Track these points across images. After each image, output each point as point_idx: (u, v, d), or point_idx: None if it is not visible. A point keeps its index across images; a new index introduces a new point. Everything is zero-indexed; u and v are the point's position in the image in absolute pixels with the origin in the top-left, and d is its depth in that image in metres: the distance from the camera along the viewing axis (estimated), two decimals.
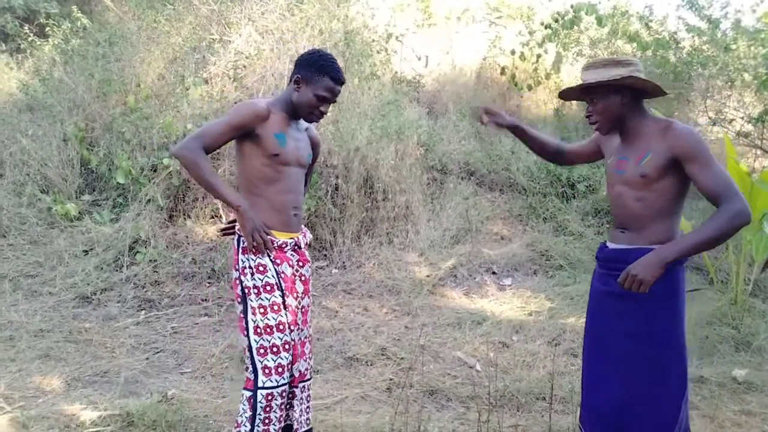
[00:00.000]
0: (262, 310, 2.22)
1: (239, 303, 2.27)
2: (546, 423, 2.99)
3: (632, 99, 2.12)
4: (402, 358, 3.93)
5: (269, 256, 2.26)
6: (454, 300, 4.99)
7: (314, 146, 2.55)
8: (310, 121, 2.38)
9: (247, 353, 2.25)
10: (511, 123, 2.49)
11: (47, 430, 2.92)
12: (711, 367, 3.84)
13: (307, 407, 2.50)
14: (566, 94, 2.32)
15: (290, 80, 2.32)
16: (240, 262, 2.26)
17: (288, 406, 2.41)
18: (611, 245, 2.22)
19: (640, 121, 2.13)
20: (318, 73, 2.24)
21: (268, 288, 2.24)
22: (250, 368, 2.24)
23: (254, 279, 2.23)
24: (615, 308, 2.18)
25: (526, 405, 3.39)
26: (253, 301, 2.23)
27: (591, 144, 2.45)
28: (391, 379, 3.67)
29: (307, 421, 2.49)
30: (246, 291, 2.24)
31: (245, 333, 2.25)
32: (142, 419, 3.02)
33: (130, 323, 4.35)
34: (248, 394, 2.23)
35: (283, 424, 2.35)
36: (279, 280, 2.27)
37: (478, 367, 3.88)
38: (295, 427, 2.43)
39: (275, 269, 2.26)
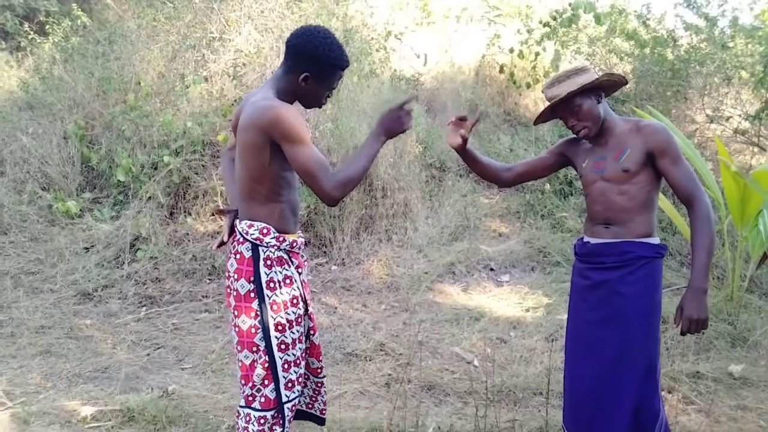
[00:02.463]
0: (288, 325, 2.07)
1: (252, 318, 2.05)
2: (543, 418, 3.02)
3: (601, 98, 2.24)
4: (400, 354, 3.96)
5: (293, 265, 2.11)
6: (452, 296, 5.02)
7: None
8: (311, 108, 2.20)
9: (260, 371, 2.07)
10: (462, 142, 2.42)
11: (48, 426, 2.96)
12: (707, 363, 3.87)
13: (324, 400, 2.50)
14: (540, 118, 2.39)
15: (290, 70, 2.06)
16: (262, 275, 2.04)
17: (316, 393, 2.41)
18: (595, 240, 2.28)
19: (611, 120, 2.26)
20: (329, 68, 2.05)
21: (294, 301, 2.09)
22: (269, 386, 2.07)
23: (282, 293, 2.05)
24: (594, 300, 2.27)
25: (523, 400, 3.42)
26: (281, 317, 2.05)
27: (551, 155, 2.46)
28: (389, 375, 3.71)
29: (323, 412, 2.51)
30: (274, 307, 2.04)
31: (256, 350, 2.06)
32: (142, 414, 3.05)
33: (131, 320, 4.38)
34: (270, 413, 2.08)
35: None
36: (302, 291, 2.14)
37: (475, 363, 3.91)
38: (320, 416, 2.47)
39: (300, 280, 2.13)
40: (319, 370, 2.39)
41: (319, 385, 2.43)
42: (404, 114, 2.09)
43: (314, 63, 2.03)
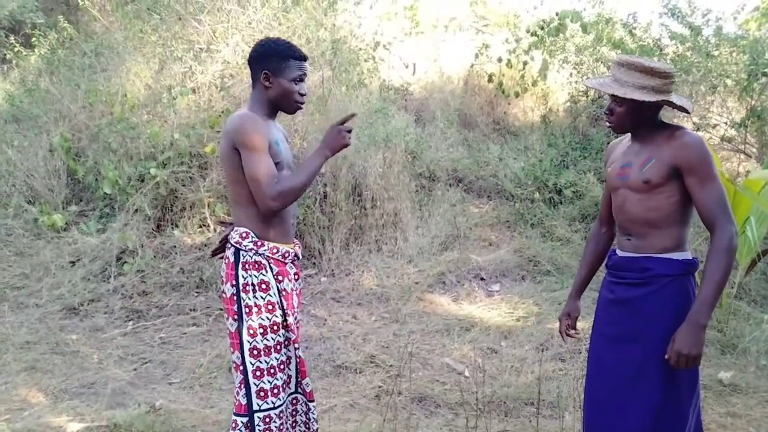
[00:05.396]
0: (261, 330, 2.12)
1: (235, 320, 2.15)
2: (534, 428, 3.00)
3: (655, 110, 2.08)
4: (391, 366, 3.94)
5: (272, 272, 2.16)
6: (443, 306, 5.00)
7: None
8: (296, 110, 2.27)
9: (238, 372, 2.16)
10: (576, 312, 2.46)
11: None
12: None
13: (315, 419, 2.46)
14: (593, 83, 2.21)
15: (255, 81, 2.21)
16: (240, 278, 2.13)
17: (306, 420, 2.36)
18: (620, 253, 2.19)
19: (652, 127, 2.09)
20: (281, 60, 2.16)
21: (270, 307, 2.14)
22: (242, 391, 2.14)
23: (256, 297, 2.13)
24: (616, 315, 2.16)
25: (514, 410, 3.41)
26: (253, 321, 2.12)
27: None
28: (379, 387, 3.68)
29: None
30: (246, 309, 2.12)
31: (238, 351, 2.15)
32: (129, 430, 3.02)
33: (118, 334, 4.33)
34: (243, 419, 2.13)
35: None
36: (280, 299, 2.17)
37: (466, 373, 3.89)
38: None
39: (277, 287, 2.17)
40: (310, 393, 2.36)
41: (308, 409, 2.37)
42: (345, 131, 2.22)
43: (267, 59, 2.17)
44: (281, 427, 2.20)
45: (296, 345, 2.23)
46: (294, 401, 2.34)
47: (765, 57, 6.25)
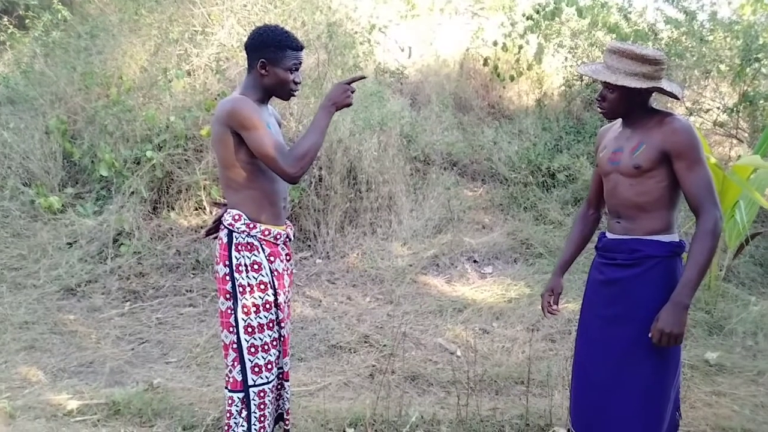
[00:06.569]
0: (255, 309, 2.20)
1: (227, 299, 2.23)
2: (523, 406, 3.07)
3: (646, 96, 2.12)
4: (384, 346, 4.01)
5: (264, 253, 2.22)
6: (436, 288, 5.07)
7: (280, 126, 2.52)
8: (289, 97, 2.30)
9: (231, 351, 2.24)
10: (559, 288, 2.50)
11: (34, 420, 2.97)
12: (684, 351, 3.94)
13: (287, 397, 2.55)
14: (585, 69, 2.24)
15: (250, 68, 2.24)
16: (233, 259, 2.20)
17: (277, 397, 2.45)
18: (609, 235, 2.24)
19: (644, 113, 2.13)
20: (278, 50, 2.19)
21: (262, 287, 2.21)
22: (237, 367, 2.22)
23: (249, 277, 2.20)
24: (606, 296, 2.21)
25: (505, 389, 3.49)
26: (246, 300, 2.19)
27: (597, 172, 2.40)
28: (373, 366, 3.75)
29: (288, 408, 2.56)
30: (240, 289, 2.19)
31: (232, 330, 2.22)
32: (128, 408, 3.08)
33: (115, 314, 4.39)
34: (239, 395, 2.22)
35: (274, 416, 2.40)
36: (272, 279, 2.24)
37: (458, 353, 3.96)
38: (284, 414, 2.49)
39: (269, 267, 2.24)
40: (287, 373, 2.44)
41: (280, 387, 2.45)
42: (349, 90, 2.25)
43: (264, 48, 2.20)
44: (272, 401, 2.31)
45: (282, 324, 2.31)
46: (278, 377, 2.42)
47: (758, 42, 6.28)
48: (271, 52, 2.19)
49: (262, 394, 2.24)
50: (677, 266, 2.13)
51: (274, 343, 2.27)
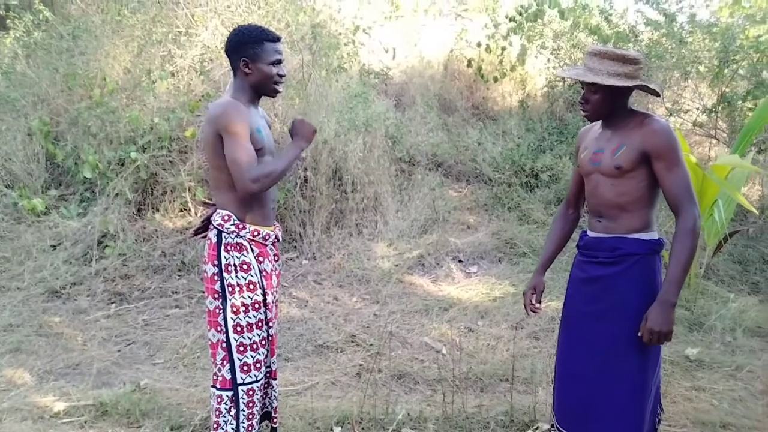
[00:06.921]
0: (244, 308, 2.23)
1: (216, 299, 2.26)
2: (508, 402, 3.12)
3: (627, 97, 2.18)
4: (371, 345, 4.04)
5: (253, 253, 2.26)
6: (422, 287, 5.11)
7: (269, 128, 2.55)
8: (276, 93, 2.33)
9: (220, 350, 2.27)
10: (541, 286, 2.55)
11: (21, 422, 2.96)
12: (665, 347, 4.00)
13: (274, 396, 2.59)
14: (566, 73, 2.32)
15: (235, 70, 2.28)
16: (223, 259, 2.23)
17: (264, 395, 2.48)
18: (591, 234, 2.29)
19: (624, 114, 2.18)
20: (257, 45, 2.23)
21: (251, 287, 2.24)
22: (226, 366, 2.25)
23: (238, 277, 2.23)
24: (588, 293, 2.25)
25: (490, 386, 3.53)
26: (235, 299, 2.22)
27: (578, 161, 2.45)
28: (360, 365, 3.78)
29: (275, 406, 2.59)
30: (229, 289, 2.22)
31: (220, 330, 2.25)
32: (115, 408, 3.08)
33: (101, 316, 4.38)
34: (228, 393, 2.25)
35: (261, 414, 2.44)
36: (261, 279, 2.27)
37: (444, 352, 4.01)
38: (272, 413, 2.53)
39: (258, 267, 2.27)
40: (275, 372, 2.48)
41: (267, 386, 2.49)
42: (306, 120, 2.35)
43: (243, 47, 2.24)
44: (260, 399, 2.34)
45: (271, 324, 2.34)
46: (266, 376, 2.45)
47: (735, 44, 6.40)
48: (250, 49, 2.23)
49: (250, 393, 2.27)
50: (657, 263, 2.19)
51: (263, 342, 2.30)
